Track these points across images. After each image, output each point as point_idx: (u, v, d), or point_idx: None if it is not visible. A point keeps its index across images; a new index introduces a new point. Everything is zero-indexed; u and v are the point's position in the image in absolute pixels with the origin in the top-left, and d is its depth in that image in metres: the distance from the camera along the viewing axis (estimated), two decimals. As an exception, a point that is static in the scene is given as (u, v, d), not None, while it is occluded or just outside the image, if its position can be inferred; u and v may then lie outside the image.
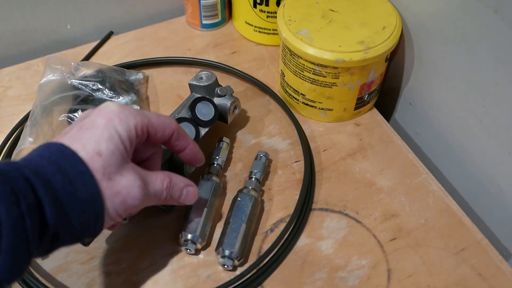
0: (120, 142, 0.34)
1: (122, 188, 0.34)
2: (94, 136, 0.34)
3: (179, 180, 0.41)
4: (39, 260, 0.46)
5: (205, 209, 0.46)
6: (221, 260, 0.44)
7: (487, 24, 0.44)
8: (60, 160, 0.32)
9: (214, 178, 0.49)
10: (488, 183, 0.51)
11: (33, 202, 0.30)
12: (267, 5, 0.63)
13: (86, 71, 0.58)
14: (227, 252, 0.44)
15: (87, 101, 0.55)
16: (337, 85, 0.53)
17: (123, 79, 0.59)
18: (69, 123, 0.53)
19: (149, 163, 0.41)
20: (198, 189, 0.43)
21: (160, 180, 0.38)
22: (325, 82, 0.53)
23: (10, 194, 0.29)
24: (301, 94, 0.56)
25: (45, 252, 0.33)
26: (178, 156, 0.43)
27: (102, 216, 0.34)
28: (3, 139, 0.55)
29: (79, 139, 0.34)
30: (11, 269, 0.29)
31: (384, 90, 0.63)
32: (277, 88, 0.62)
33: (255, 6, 0.64)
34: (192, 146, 0.42)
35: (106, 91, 0.56)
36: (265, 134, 0.57)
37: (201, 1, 0.66)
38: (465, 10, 0.46)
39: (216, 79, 0.52)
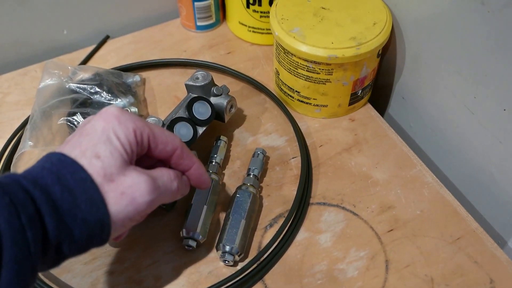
0: (119, 144, 0.34)
1: (127, 188, 0.33)
2: (93, 140, 0.33)
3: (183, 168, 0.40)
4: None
5: (205, 207, 0.47)
6: (221, 255, 0.45)
7: (475, 16, 0.44)
8: (61, 170, 0.32)
9: (213, 176, 0.50)
10: (481, 173, 0.52)
11: (34, 213, 0.29)
12: (260, 5, 0.63)
13: (84, 75, 0.59)
14: (227, 248, 0.44)
15: (85, 104, 0.56)
16: (330, 82, 0.54)
17: (121, 81, 0.60)
18: (69, 126, 0.54)
19: None
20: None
21: (165, 171, 0.37)
22: (319, 78, 0.53)
23: (9, 206, 0.28)
24: (296, 91, 0.57)
25: (53, 264, 0.32)
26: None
27: (107, 223, 0.32)
28: (3, 144, 0.56)
29: (79, 146, 0.33)
30: (14, 283, 0.28)
31: (377, 85, 0.63)
32: (272, 87, 0.63)
33: (248, 7, 0.64)
34: (197, 166, 0.40)
35: (104, 94, 0.57)
36: (262, 131, 0.58)
37: (195, 3, 0.67)
38: (453, 3, 0.47)
39: (212, 78, 0.53)
